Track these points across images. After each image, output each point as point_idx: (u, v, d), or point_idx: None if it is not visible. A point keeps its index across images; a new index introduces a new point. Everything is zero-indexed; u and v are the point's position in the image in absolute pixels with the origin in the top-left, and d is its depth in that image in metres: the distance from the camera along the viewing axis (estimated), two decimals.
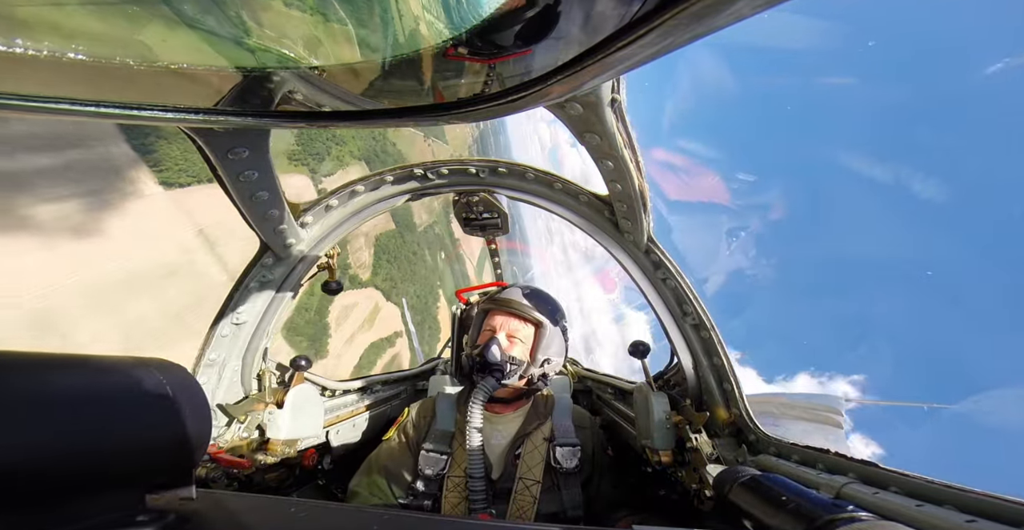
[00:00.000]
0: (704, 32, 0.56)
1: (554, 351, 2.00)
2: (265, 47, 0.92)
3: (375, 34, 0.92)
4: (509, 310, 1.96)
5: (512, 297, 2.00)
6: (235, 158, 1.35)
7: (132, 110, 0.90)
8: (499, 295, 2.05)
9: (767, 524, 0.90)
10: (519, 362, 1.89)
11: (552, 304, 2.05)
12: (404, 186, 1.97)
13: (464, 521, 0.81)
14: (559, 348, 2.03)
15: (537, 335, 1.96)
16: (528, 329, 1.96)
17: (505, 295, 2.03)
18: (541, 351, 1.94)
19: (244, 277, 1.81)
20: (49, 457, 0.50)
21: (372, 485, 1.91)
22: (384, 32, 0.92)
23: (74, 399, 0.54)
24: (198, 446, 0.67)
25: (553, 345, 1.99)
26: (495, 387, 1.81)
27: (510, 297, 2.00)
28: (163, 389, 0.64)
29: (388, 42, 0.93)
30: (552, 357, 1.99)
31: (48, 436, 0.50)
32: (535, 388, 2.01)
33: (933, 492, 0.99)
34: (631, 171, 1.47)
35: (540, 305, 1.99)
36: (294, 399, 1.84)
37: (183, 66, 0.89)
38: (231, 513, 0.73)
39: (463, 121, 0.96)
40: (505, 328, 1.94)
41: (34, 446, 0.49)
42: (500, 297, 2.03)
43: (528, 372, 1.93)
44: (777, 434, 1.58)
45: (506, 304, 1.98)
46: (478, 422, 1.74)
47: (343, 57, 0.95)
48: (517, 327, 1.95)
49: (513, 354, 1.89)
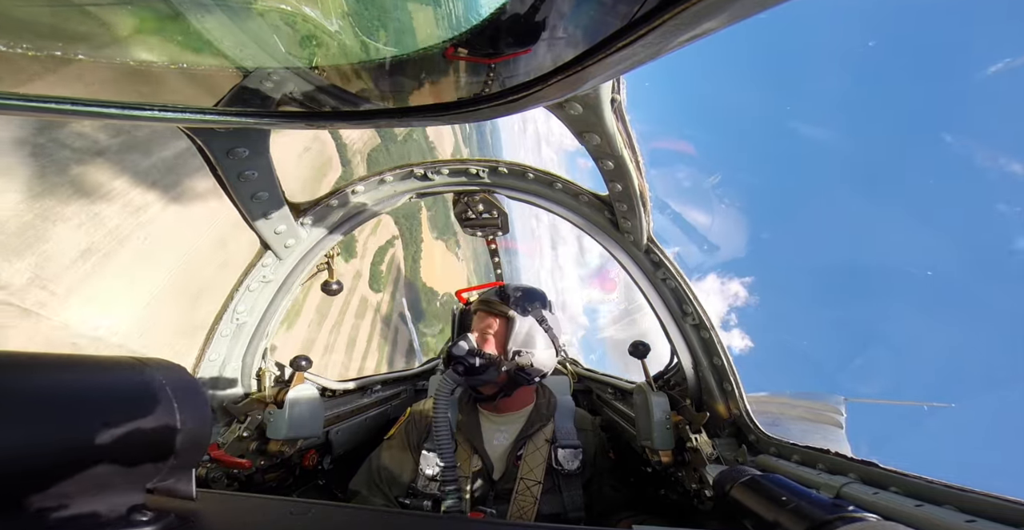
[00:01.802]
0: (704, 32, 0.56)
1: (522, 342, 1.90)
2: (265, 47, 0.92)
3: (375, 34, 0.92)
4: (480, 308, 2.01)
5: (486, 296, 2.04)
6: (235, 158, 1.35)
7: (132, 110, 0.90)
8: (480, 296, 2.11)
9: (767, 524, 0.90)
10: (488, 356, 1.85)
11: (526, 295, 1.99)
12: (404, 186, 1.97)
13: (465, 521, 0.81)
14: (540, 340, 1.94)
15: (505, 328, 1.92)
16: (497, 323, 1.94)
17: (483, 296, 2.07)
18: (510, 343, 1.88)
19: (244, 277, 1.81)
20: (48, 457, 0.50)
21: (372, 485, 1.91)
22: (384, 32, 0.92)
23: (74, 399, 0.54)
24: (198, 446, 0.66)
25: (521, 337, 1.90)
26: (459, 381, 1.83)
27: (486, 297, 2.04)
28: (163, 389, 0.64)
29: (388, 42, 0.93)
30: (525, 349, 1.90)
31: (47, 436, 0.50)
32: (517, 381, 1.93)
33: (933, 492, 0.99)
34: (631, 171, 1.47)
35: (512, 299, 1.97)
36: (294, 399, 1.84)
37: (183, 66, 0.90)
38: (231, 513, 0.73)
39: (463, 121, 0.96)
40: (479, 326, 1.97)
41: (33, 446, 0.49)
42: (480, 297, 2.08)
43: (497, 363, 1.87)
44: (777, 434, 1.58)
45: (481, 304, 2.02)
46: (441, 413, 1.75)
47: (343, 57, 0.95)
48: (488, 322, 1.95)
49: (485, 350, 1.87)
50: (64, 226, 8.23)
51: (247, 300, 1.84)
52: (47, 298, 7.57)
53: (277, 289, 1.91)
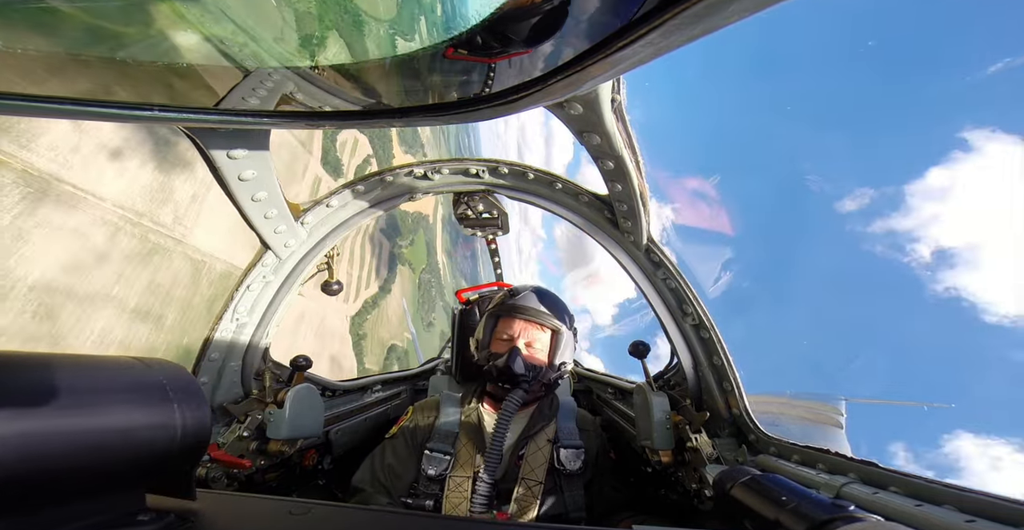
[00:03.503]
0: (705, 32, 0.56)
1: (567, 355, 2.02)
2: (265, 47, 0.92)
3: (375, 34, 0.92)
4: (526, 317, 1.96)
5: (529, 304, 1.98)
6: (235, 158, 1.35)
7: (132, 110, 0.90)
8: (514, 301, 2.01)
9: (767, 524, 0.90)
10: (539, 369, 1.91)
11: (564, 307, 2.06)
12: (404, 186, 1.97)
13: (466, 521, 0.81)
14: (571, 351, 2.06)
15: (554, 341, 1.98)
16: (546, 335, 1.98)
17: (521, 302, 2.00)
18: (558, 356, 1.96)
19: (244, 277, 1.81)
20: (48, 457, 0.50)
21: (373, 484, 1.91)
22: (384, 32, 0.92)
23: (73, 399, 0.53)
24: (198, 446, 0.66)
25: (568, 349, 2.01)
26: (524, 398, 1.83)
27: (527, 304, 1.98)
28: (163, 389, 0.64)
29: (388, 42, 0.93)
30: (567, 360, 2.01)
31: (47, 436, 0.50)
32: (550, 391, 2.05)
33: (933, 492, 0.99)
34: (631, 171, 1.47)
35: (555, 310, 2.00)
36: (294, 399, 1.84)
37: (183, 66, 0.89)
38: (231, 513, 0.73)
39: (463, 121, 0.96)
40: (524, 336, 1.94)
41: (33, 446, 0.49)
42: (517, 304, 1.99)
43: (546, 377, 1.95)
44: (777, 434, 1.58)
45: (523, 311, 1.96)
46: (503, 429, 1.75)
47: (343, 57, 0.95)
48: (536, 335, 1.95)
49: (534, 363, 1.91)
50: (179, 179, 12.27)
51: (247, 300, 1.84)
52: (184, 231, 12.31)
53: (277, 289, 1.91)
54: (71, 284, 9.34)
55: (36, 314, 8.60)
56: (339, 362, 30.58)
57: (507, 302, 2.03)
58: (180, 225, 12.31)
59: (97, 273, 9.90)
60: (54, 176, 9.13)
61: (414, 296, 67.59)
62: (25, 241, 8.41)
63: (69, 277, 9.28)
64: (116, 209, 10.47)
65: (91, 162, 9.92)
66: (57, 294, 9.05)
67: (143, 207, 11.17)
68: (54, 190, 9.11)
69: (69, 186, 9.43)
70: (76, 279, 9.48)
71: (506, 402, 1.79)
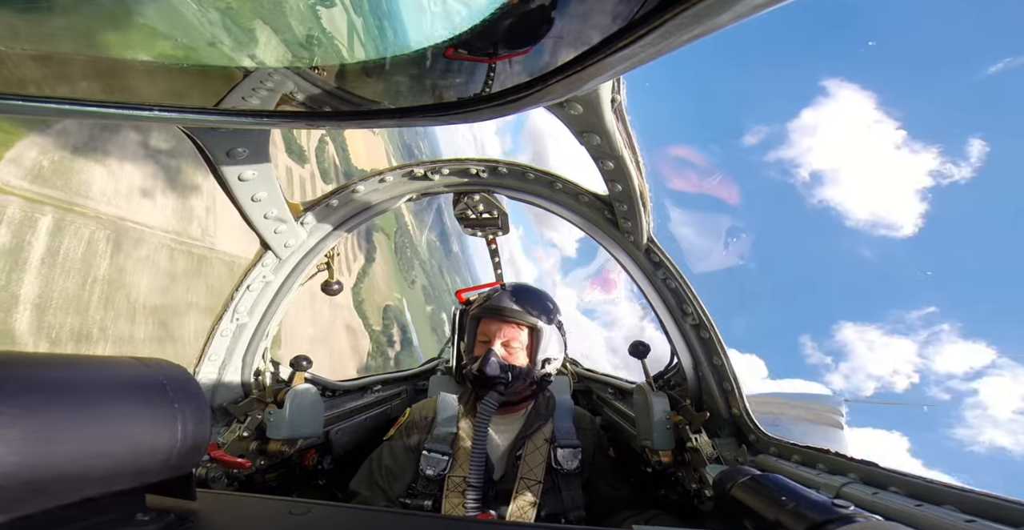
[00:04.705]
0: (705, 32, 0.56)
1: (553, 350, 1.99)
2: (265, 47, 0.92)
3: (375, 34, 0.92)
4: (502, 318, 1.93)
5: (502, 304, 1.94)
6: (235, 158, 1.35)
7: (132, 110, 0.90)
8: (489, 303, 1.99)
9: (767, 524, 0.90)
10: (519, 369, 1.89)
11: (543, 302, 2.01)
12: (405, 186, 1.97)
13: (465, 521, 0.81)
14: (558, 345, 2.03)
15: (533, 338, 1.95)
16: (523, 334, 1.95)
17: (495, 302, 1.97)
18: (540, 353, 1.94)
19: (244, 277, 1.81)
20: (48, 457, 0.50)
21: (373, 485, 1.91)
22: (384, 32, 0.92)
23: (73, 399, 0.53)
24: (198, 446, 0.66)
25: (551, 344, 1.98)
26: (500, 400, 1.82)
27: (500, 304, 1.95)
28: (163, 389, 0.64)
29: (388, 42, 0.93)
30: (552, 356, 1.99)
31: (47, 436, 0.50)
32: (541, 388, 2.02)
33: (933, 492, 0.99)
34: (631, 171, 1.47)
35: (532, 306, 1.95)
36: (294, 399, 1.84)
37: (183, 66, 0.89)
38: (231, 513, 0.73)
39: (463, 121, 0.96)
40: (499, 337, 1.91)
41: (33, 446, 0.49)
42: (490, 304, 1.97)
43: (531, 376, 1.93)
44: (777, 434, 1.58)
45: (498, 312, 1.93)
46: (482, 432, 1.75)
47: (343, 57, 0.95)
48: (512, 334, 1.92)
49: (512, 363, 1.89)
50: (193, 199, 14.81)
51: (247, 300, 1.83)
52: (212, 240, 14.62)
53: (277, 289, 1.91)
54: (164, 300, 12.86)
55: (157, 324, 12.73)
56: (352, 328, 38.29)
57: (484, 304, 2.01)
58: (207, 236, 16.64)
59: (173, 287, 13.01)
60: (118, 217, 12.99)
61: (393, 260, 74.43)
62: (128, 273, 11.51)
63: (162, 296, 12.60)
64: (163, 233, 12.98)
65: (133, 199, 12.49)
66: (159, 309, 12.76)
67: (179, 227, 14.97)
68: (122, 228, 13.14)
69: (131, 223, 13.62)
70: (166, 296, 12.99)
71: (482, 405, 1.80)
